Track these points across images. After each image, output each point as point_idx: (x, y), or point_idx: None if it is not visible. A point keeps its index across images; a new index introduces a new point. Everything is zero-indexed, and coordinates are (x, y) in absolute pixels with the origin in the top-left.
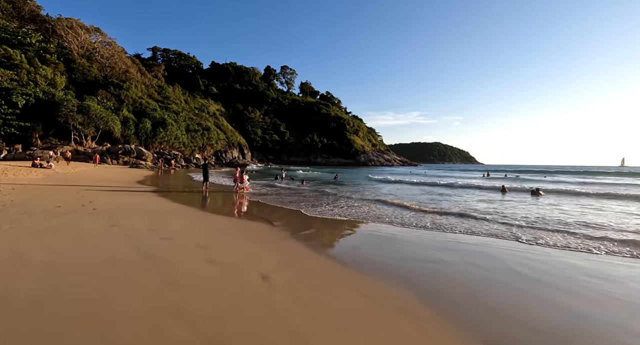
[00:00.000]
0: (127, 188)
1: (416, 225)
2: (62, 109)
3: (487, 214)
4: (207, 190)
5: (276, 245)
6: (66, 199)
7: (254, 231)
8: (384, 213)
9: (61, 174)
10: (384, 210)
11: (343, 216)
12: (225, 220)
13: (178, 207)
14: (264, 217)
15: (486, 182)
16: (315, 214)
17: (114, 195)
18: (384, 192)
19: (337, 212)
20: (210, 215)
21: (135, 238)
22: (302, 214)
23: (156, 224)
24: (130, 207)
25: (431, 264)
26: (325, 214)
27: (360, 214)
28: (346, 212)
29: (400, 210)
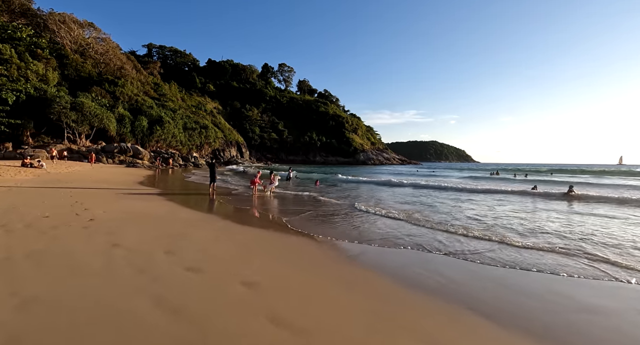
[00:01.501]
0: (128, 190)
1: (527, 263)
2: (55, 106)
3: (568, 238)
4: (214, 192)
5: (347, 275)
6: (57, 206)
7: (301, 251)
8: (436, 238)
9: (53, 175)
10: (430, 234)
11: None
12: (257, 234)
13: (192, 214)
14: (300, 229)
15: (509, 184)
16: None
17: (114, 199)
18: (410, 200)
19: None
20: (235, 225)
21: (149, 271)
22: (335, 221)
23: (172, 242)
24: (135, 215)
25: (581, 315)
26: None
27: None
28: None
29: (466, 240)
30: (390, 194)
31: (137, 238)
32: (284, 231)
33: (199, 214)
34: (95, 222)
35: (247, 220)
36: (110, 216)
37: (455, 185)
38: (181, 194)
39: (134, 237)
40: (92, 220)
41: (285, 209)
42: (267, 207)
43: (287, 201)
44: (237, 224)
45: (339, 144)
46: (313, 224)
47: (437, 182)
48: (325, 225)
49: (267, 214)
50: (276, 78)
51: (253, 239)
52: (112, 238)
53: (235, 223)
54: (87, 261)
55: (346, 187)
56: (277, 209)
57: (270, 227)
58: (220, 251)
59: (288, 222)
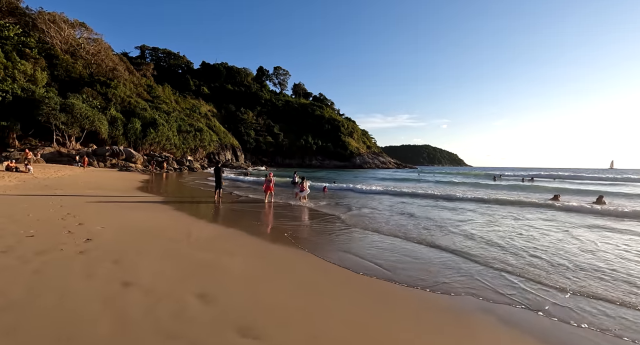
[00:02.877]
0: (127, 198)
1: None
2: (43, 107)
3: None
4: (220, 199)
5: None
6: (44, 220)
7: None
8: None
9: (40, 179)
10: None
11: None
12: (316, 265)
13: (209, 229)
14: (346, 249)
15: (529, 195)
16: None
17: (113, 210)
18: (436, 217)
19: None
20: (272, 247)
21: (185, 337)
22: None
23: (204, 278)
24: (143, 232)
25: None
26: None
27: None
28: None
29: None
30: (435, 214)
31: (154, 269)
32: (327, 251)
33: (218, 228)
34: (94, 243)
35: (280, 239)
36: (112, 234)
37: (482, 196)
38: (187, 202)
39: (149, 269)
40: (90, 241)
41: (320, 229)
42: (294, 222)
43: (309, 214)
44: (271, 243)
45: (335, 148)
46: (379, 251)
47: (459, 191)
48: (355, 241)
49: (300, 232)
50: (271, 81)
51: (314, 273)
52: (120, 271)
53: (270, 243)
54: (89, 318)
55: (358, 198)
56: (310, 227)
57: (325, 253)
58: (280, 296)
59: (311, 234)
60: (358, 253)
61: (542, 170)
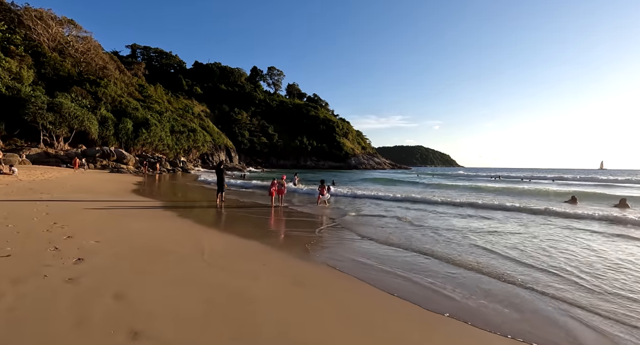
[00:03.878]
0: (122, 203)
1: None
2: (30, 106)
3: None
4: (222, 204)
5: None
6: (26, 233)
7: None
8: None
9: (25, 182)
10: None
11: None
12: (347, 286)
13: (223, 241)
14: (393, 271)
15: (550, 203)
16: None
17: (107, 218)
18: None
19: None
20: (299, 263)
21: None
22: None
23: (233, 314)
24: (147, 248)
25: None
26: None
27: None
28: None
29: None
30: (464, 225)
31: (170, 306)
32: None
33: (232, 240)
34: (87, 264)
35: (309, 256)
36: (109, 251)
37: (507, 203)
38: (189, 207)
39: (163, 306)
40: (81, 262)
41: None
42: (315, 233)
43: (329, 223)
44: (300, 259)
45: (330, 149)
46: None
47: (476, 197)
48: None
49: (329, 247)
50: (265, 81)
51: (375, 310)
52: (124, 311)
53: (299, 260)
54: None
55: (366, 203)
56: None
57: (374, 278)
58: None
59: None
60: (421, 282)
61: (534, 171)
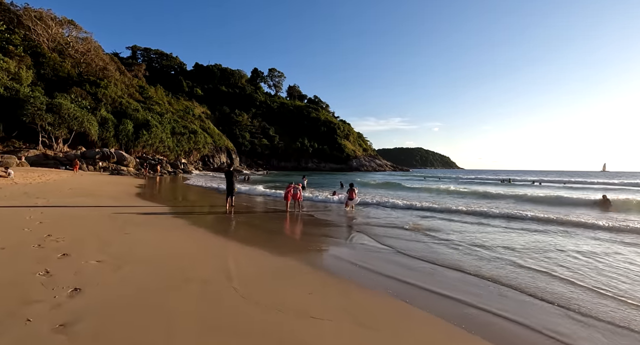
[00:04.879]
0: (126, 208)
1: None
2: (28, 107)
3: None
4: (232, 209)
5: None
6: (13, 248)
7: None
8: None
9: (20, 186)
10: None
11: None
12: (431, 329)
13: (252, 257)
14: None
15: (589, 212)
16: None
17: (111, 227)
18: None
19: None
20: (354, 289)
21: None
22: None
23: None
24: (164, 269)
25: None
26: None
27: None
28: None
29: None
30: (510, 240)
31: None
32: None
33: (260, 255)
34: (86, 299)
35: (361, 281)
36: (114, 276)
37: (541, 214)
38: (198, 213)
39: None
40: (79, 294)
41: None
42: (354, 246)
43: (334, 230)
44: (352, 285)
45: (331, 151)
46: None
47: (504, 204)
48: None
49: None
50: (266, 83)
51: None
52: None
53: (353, 286)
54: None
55: (385, 211)
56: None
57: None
58: None
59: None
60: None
61: (536, 174)
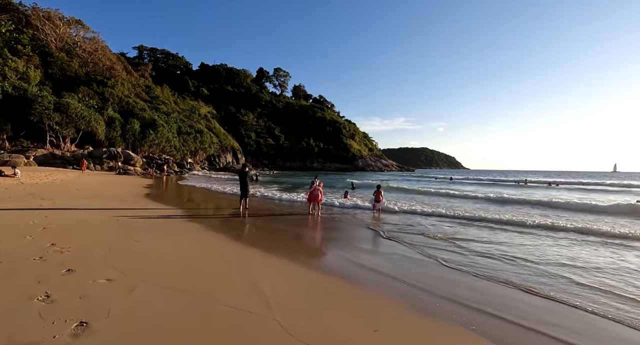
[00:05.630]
0: (136, 210)
1: None
2: (36, 107)
3: None
4: (246, 211)
5: None
6: (11, 262)
7: None
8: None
9: (26, 186)
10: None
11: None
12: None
13: (285, 273)
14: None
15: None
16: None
17: (120, 233)
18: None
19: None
20: (422, 321)
21: None
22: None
23: None
24: (188, 297)
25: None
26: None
27: None
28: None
29: None
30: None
31: None
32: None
33: (294, 269)
34: (95, 338)
35: (430, 309)
36: (127, 302)
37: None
38: (215, 216)
39: None
40: (85, 330)
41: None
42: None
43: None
44: (421, 315)
45: (337, 150)
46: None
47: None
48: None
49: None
50: (271, 83)
51: None
52: None
53: (422, 317)
54: None
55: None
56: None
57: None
58: None
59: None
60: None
61: (546, 174)
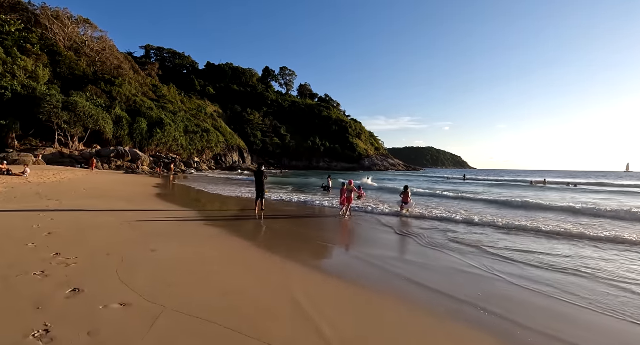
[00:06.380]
0: (148, 213)
1: None
2: (45, 105)
3: None
4: (262, 213)
5: None
6: (7, 277)
7: None
8: None
9: (34, 185)
10: None
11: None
12: None
13: (340, 297)
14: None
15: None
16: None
17: (134, 241)
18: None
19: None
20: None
21: None
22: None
23: None
24: (224, 331)
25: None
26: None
27: None
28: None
29: None
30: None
31: None
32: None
33: (349, 290)
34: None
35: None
36: (155, 339)
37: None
38: (229, 218)
39: None
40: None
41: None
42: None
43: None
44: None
45: (343, 150)
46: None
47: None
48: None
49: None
50: (277, 82)
51: None
52: None
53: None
54: None
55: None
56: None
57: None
58: None
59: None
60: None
61: (557, 174)
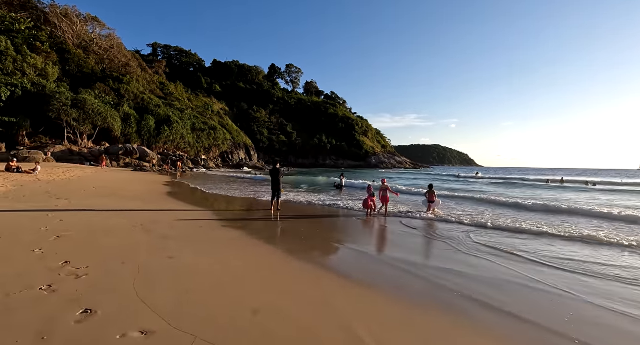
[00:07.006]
0: (161, 213)
1: None
2: (54, 103)
3: None
4: (278, 213)
5: None
6: (8, 293)
7: None
8: None
9: (43, 183)
10: None
11: None
12: None
13: (403, 323)
14: None
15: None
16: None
17: (149, 246)
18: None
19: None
20: None
21: None
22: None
23: None
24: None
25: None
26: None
27: None
28: None
29: None
30: None
31: None
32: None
33: (414, 316)
34: None
35: None
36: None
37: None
38: (246, 219)
39: None
40: None
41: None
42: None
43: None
44: None
45: (350, 147)
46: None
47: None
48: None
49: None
50: (283, 79)
51: None
52: None
53: None
54: None
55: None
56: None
57: None
58: None
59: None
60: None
61: (568, 172)
